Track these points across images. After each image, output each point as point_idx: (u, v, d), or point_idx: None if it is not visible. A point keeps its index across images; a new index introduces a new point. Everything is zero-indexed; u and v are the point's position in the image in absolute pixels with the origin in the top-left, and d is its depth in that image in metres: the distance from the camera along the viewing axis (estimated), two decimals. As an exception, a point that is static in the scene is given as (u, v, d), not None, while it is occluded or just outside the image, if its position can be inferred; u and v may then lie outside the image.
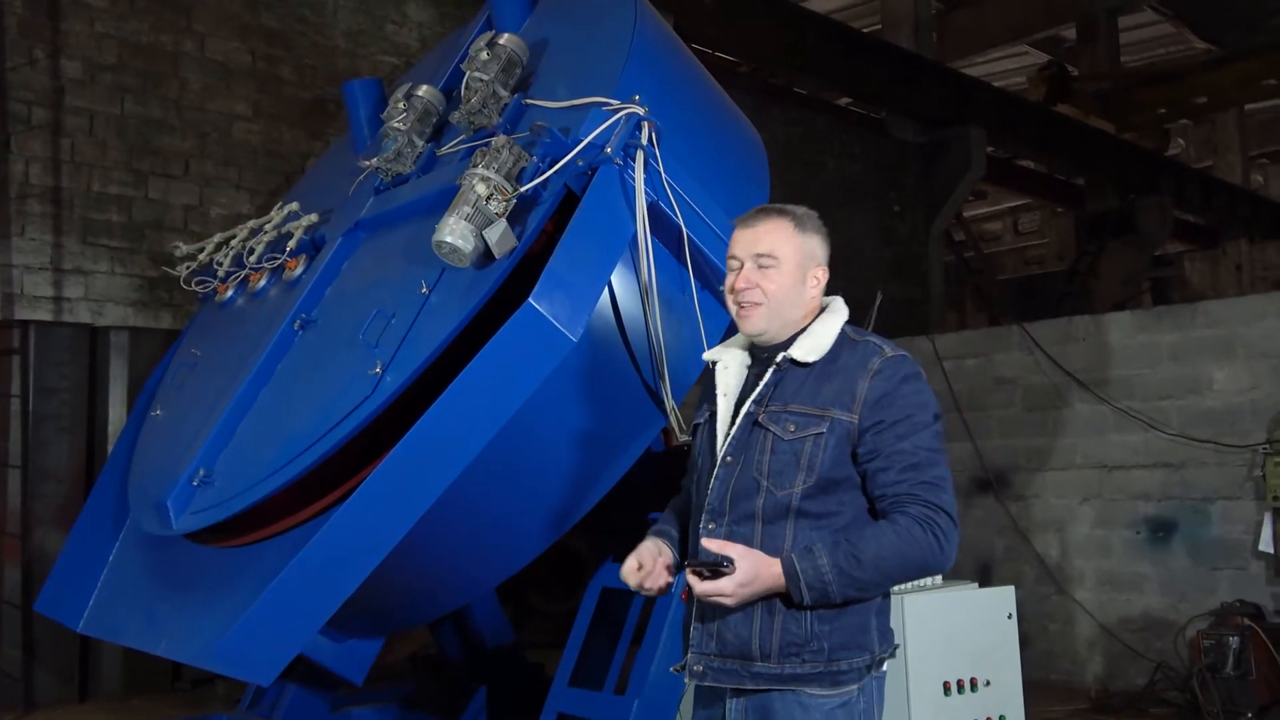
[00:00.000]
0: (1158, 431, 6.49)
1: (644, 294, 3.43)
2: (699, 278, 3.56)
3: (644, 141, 3.31)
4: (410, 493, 3.00)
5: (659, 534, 2.58)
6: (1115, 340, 6.75)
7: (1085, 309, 15.40)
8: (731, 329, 3.70)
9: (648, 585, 2.43)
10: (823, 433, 2.29)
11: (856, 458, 2.30)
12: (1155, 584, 6.51)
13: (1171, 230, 16.89)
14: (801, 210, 2.46)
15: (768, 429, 2.33)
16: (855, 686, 2.28)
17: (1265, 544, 5.68)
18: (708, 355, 2.60)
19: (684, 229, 3.41)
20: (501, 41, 3.86)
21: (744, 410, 2.38)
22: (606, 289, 3.40)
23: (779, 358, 2.39)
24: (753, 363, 2.50)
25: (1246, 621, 5.44)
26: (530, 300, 2.94)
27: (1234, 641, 5.31)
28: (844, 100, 14.67)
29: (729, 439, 2.39)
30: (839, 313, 2.46)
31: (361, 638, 4.07)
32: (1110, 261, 16.56)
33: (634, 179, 3.29)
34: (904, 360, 2.37)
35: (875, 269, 11.82)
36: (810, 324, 2.43)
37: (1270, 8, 17.10)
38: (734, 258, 2.43)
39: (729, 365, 2.51)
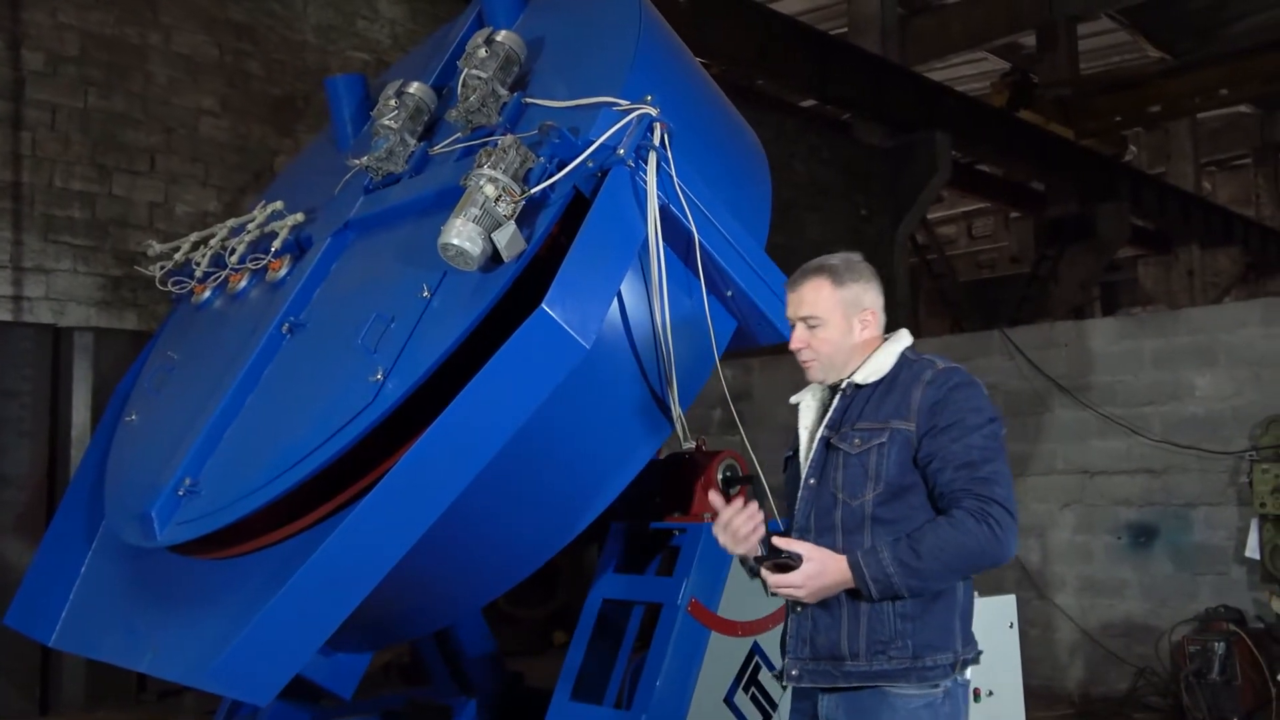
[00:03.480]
0: (1140, 437, 6.52)
1: (654, 300, 3.34)
2: (708, 283, 3.47)
3: (656, 143, 3.22)
4: (417, 504, 2.89)
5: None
6: (1097, 346, 6.77)
7: (1044, 312, 15.60)
8: (740, 336, 3.67)
9: (738, 524, 2.54)
10: (884, 443, 2.49)
11: (918, 463, 2.48)
12: (1137, 589, 6.54)
13: (1128, 235, 17.14)
14: (842, 261, 2.64)
15: (838, 448, 2.55)
16: (939, 689, 2.44)
17: (1252, 550, 5.71)
18: (794, 399, 2.76)
19: (695, 233, 3.32)
20: (499, 38, 3.75)
21: (819, 435, 2.60)
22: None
23: (843, 384, 2.62)
24: (828, 396, 2.69)
25: (1231, 627, 5.47)
26: (543, 306, 2.84)
27: (1219, 647, 5.34)
28: (809, 102, 14.70)
29: (810, 463, 2.61)
30: (900, 340, 2.65)
31: (351, 651, 3.94)
32: (1069, 265, 16.77)
33: (646, 182, 3.19)
34: (956, 371, 2.56)
35: (843, 272, 11.83)
36: (872, 352, 2.62)
37: (1223, 18, 17.44)
38: (789, 319, 2.67)
39: (809, 404, 2.71)
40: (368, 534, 2.86)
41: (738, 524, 2.53)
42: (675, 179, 3.26)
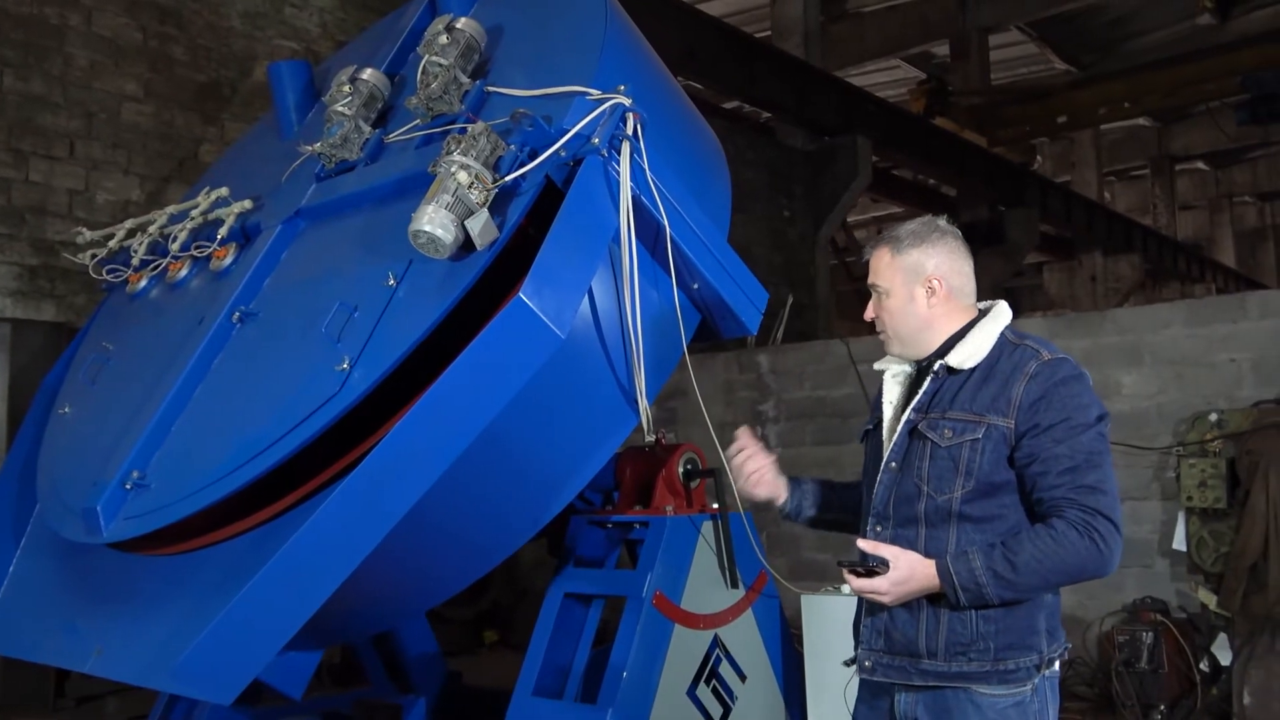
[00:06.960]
0: (1066, 434, 6.66)
1: (623, 292, 3.32)
2: (676, 275, 3.47)
3: (629, 133, 3.21)
4: (389, 496, 2.83)
5: (796, 478, 2.74)
6: (1025, 345, 6.90)
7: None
8: (704, 329, 3.68)
9: (749, 470, 2.61)
10: (979, 438, 2.32)
11: (1014, 461, 2.31)
12: (1062, 582, 6.67)
13: (1037, 241, 17.63)
14: (908, 229, 2.53)
15: (926, 436, 2.38)
16: (1027, 687, 2.31)
17: (1178, 542, 5.89)
18: (877, 365, 2.64)
19: (666, 225, 3.31)
20: (460, 25, 3.71)
21: (904, 418, 2.44)
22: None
23: (936, 365, 2.44)
24: (916, 372, 2.55)
25: (1158, 617, 5.64)
26: (520, 295, 2.81)
27: (1148, 637, 5.50)
28: (733, 104, 14.81)
29: (893, 445, 2.45)
30: (999, 318, 2.46)
31: (301, 650, 3.83)
32: (980, 269, 17.04)
33: (619, 172, 3.18)
34: (1063, 363, 2.35)
35: (766, 274, 11.95)
36: (968, 330, 2.44)
37: (1125, 33, 18.08)
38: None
39: (896, 374, 2.57)
40: (339, 524, 2.79)
41: (740, 463, 2.57)
42: (647, 170, 3.25)
